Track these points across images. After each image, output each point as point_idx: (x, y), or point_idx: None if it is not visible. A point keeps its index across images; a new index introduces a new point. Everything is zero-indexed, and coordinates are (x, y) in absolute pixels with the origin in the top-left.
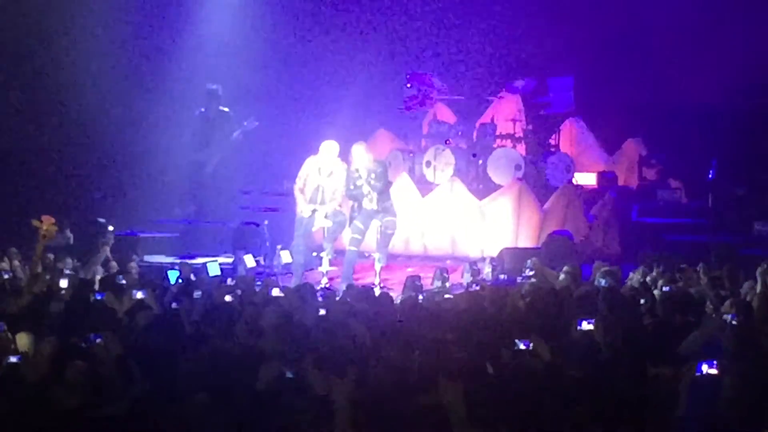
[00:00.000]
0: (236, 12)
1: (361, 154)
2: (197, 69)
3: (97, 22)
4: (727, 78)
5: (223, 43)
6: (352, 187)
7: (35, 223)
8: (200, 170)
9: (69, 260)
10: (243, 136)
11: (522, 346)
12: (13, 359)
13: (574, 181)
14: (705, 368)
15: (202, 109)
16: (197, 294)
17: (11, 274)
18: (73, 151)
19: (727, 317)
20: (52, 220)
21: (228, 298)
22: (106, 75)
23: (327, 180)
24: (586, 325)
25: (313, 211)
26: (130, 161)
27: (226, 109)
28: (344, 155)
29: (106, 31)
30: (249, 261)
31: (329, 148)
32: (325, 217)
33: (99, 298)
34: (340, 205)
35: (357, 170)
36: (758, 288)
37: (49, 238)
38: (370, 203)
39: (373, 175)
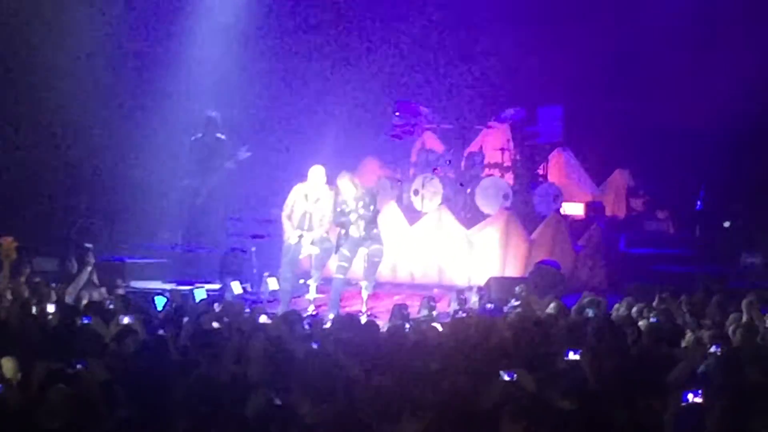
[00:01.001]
0: (229, 38)
1: (346, 184)
2: (188, 95)
3: (91, 42)
4: (716, 105)
5: (213, 68)
6: (339, 213)
7: None
8: (194, 196)
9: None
10: (235, 166)
11: (507, 378)
12: None
13: (561, 211)
14: (690, 397)
15: (200, 135)
16: (185, 320)
17: None
18: (59, 174)
19: (711, 348)
20: (11, 239)
21: (215, 324)
22: (97, 97)
23: (314, 206)
24: (572, 356)
25: (300, 237)
26: (119, 185)
27: (222, 137)
28: (332, 181)
29: (100, 54)
30: (236, 288)
31: (316, 173)
32: (312, 243)
33: (86, 322)
34: (327, 232)
35: (345, 200)
36: (744, 319)
37: (10, 259)
38: (357, 231)
39: (361, 203)
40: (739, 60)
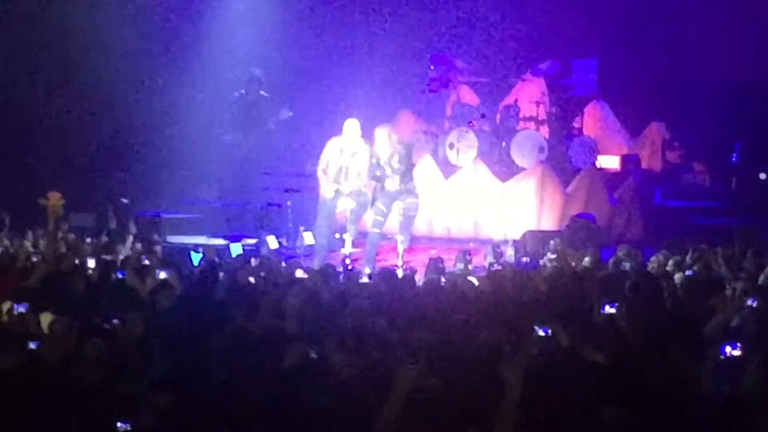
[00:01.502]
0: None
1: (383, 137)
2: (226, 51)
3: (134, 5)
4: (751, 56)
5: (250, 24)
6: (374, 166)
7: (42, 201)
8: (236, 151)
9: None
10: (276, 126)
11: (542, 333)
12: (32, 345)
13: (597, 164)
14: (729, 350)
15: (243, 91)
16: (221, 275)
17: (35, 251)
18: (95, 131)
19: (748, 301)
20: (59, 195)
21: (251, 279)
22: (138, 54)
23: (350, 160)
24: (609, 309)
25: (336, 191)
26: (155, 140)
27: (266, 94)
28: (368, 135)
29: (144, 13)
30: (272, 242)
31: (351, 127)
32: (348, 196)
33: (120, 276)
34: (364, 186)
35: (379, 152)
36: None
37: (57, 214)
38: (393, 184)
39: (396, 157)
40: None
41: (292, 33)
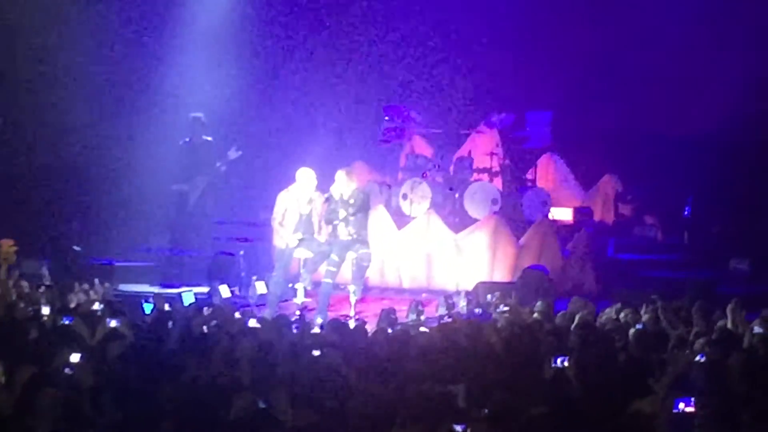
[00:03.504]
0: (216, 42)
1: (342, 177)
2: (176, 98)
3: (77, 45)
4: (704, 112)
5: (205, 73)
6: (330, 208)
7: None
8: (184, 200)
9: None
10: (226, 167)
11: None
12: None
13: (550, 216)
14: (682, 406)
15: (187, 139)
16: (170, 324)
17: None
18: (48, 176)
19: (697, 356)
20: (11, 242)
21: (204, 328)
22: (85, 102)
23: (307, 207)
24: (560, 362)
25: (300, 240)
26: (107, 188)
27: (209, 138)
28: (321, 186)
29: (87, 56)
30: (224, 291)
31: (306, 175)
32: (305, 245)
33: (67, 322)
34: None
35: (336, 192)
36: (728, 324)
37: (9, 262)
38: (345, 232)
39: (351, 200)
40: (727, 67)
41: (247, 81)
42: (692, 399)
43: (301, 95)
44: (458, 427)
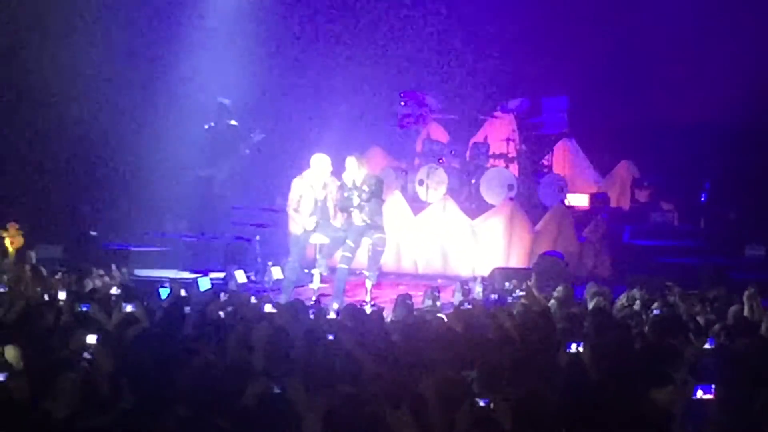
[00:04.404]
0: (240, 31)
1: (353, 164)
2: (195, 83)
3: (100, 28)
4: (722, 97)
5: (227, 60)
6: (342, 195)
7: (1, 233)
8: (209, 185)
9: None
10: (250, 150)
11: (482, 404)
12: (0, 377)
13: (566, 202)
14: (700, 393)
15: (212, 123)
16: (187, 309)
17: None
18: (66, 163)
19: (707, 344)
20: (16, 226)
21: (221, 313)
22: (106, 86)
23: (322, 192)
24: (574, 348)
25: (316, 225)
26: (124, 174)
27: (235, 123)
28: (338, 171)
29: (109, 40)
30: (240, 276)
31: (321, 161)
32: (322, 230)
33: (84, 309)
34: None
35: (349, 178)
36: (745, 311)
37: (15, 245)
38: (360, 217)
39: (365, 187)
40: (748, 52)
41: (265, 68)
42: (712, 386)
43: (318, 82)
44: (481, 402)
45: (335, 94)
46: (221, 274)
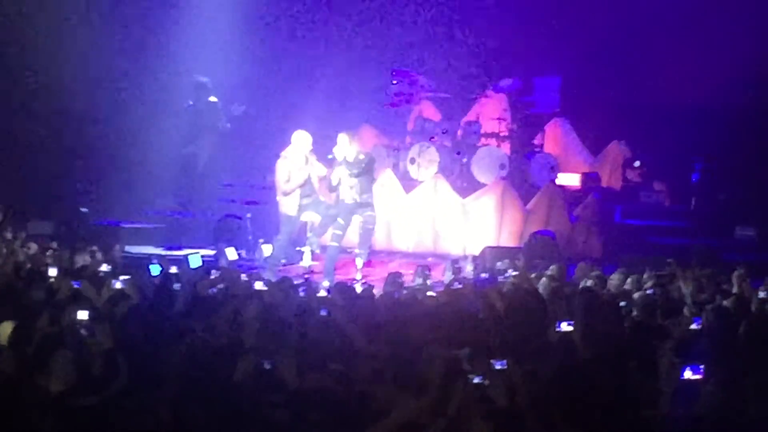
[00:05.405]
0: (223, 7)
1: (344, 140)
2: (183, 61)
3: (81, 11)
4: (713, 78)
5: (209, 37)
6: (331, 173)
7: None
8: (192, 162)
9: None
10: (231, 124)
11: (498, 366)
12: None
13: (557, 181)
14: (688, 373)
15: (191, 102)
16: (177, 286)
17: None
18: (57, 140)
19: (694, 324)
20: None
21: (212, 290)
22: (91, 65)
23: (307, 168)
24: (565, 327)
25: (307, 203)
26: (115, 151)
27: (214, 100)
28: (328, 149)
29: (90, 21)
30: (231, 254)
31: (301, 138)
32: (313, 208)
33: (76, 286)
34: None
35: (339, 153)
36: (734, 291)
37: None
38: (349, 195)
39: (356, 162)
40: (741, 34)
41: (253, 45)
42: (701, 367)
43: (309, 60)
44: (476, 378)
45: (327, 72)
46: (212, 252)
